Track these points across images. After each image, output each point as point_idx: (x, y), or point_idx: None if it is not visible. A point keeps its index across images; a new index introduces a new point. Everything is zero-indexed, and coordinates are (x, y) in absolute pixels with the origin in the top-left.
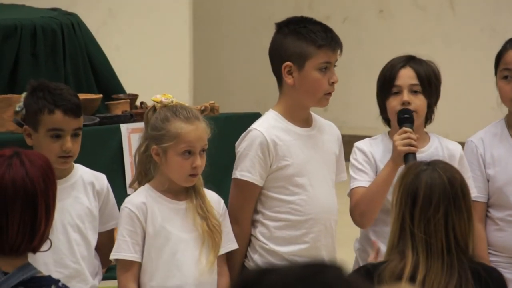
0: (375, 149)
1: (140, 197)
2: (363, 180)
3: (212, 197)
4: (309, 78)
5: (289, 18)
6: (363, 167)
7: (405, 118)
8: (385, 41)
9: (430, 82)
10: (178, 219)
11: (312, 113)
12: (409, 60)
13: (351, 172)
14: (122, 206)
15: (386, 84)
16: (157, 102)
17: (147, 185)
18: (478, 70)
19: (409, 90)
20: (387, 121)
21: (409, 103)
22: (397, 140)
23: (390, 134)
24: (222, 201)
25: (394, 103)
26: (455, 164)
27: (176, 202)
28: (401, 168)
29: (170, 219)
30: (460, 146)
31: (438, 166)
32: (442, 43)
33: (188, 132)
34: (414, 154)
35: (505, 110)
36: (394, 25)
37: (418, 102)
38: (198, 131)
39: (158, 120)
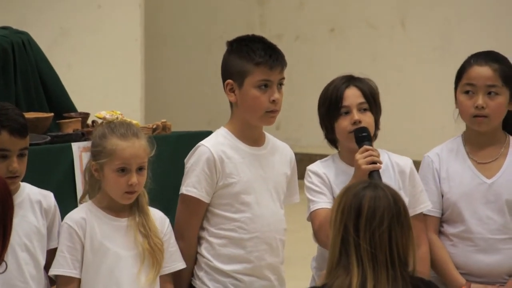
0: (328, 170)
1: (80, 212)
2: (322, 202)
3: (157, 216)
4: (248, 95)
5: (238, 37)
6: (320, 189)
7: (363, 136)
8: (337, 60)
9: (374, 99)
10: (118, 236)
11: (266, 133)
12: (351, 80)
13: (308, 196)
14: (62, 222)
15: (333, 106)
16: (100, 118)
17: (89, 201)
18: (429, 88)
19: (358, 109)
20: (332, 142)
21: (360, 122)
22: (360, 159)
23: (341, 155)
24: (167, 220)
25: (345, 124)
26: (406, 180)
27: (116, 219)
28: None
29: (109, 235)
30: (410, 161)
31: (380, 184)
32: (393, 62)
33: (123, 149)
34: (378, 171)
35: (460, 127)
36: (346, 44)
37: (368, 120)
38: (134, 149)
39: (96, 137)
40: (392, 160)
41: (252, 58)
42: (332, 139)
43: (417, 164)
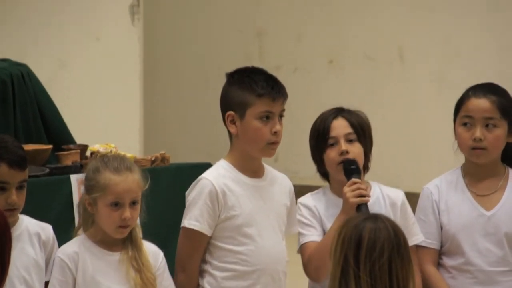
0: (318, 203)
1: (73, 246)
2: (312, 235)
3: (150, 250)
4: (250, 127)
5: (238, 68)
6: (310, 222)
7: (352, 169)
8: (335, 91)
9: (363, 130)
10: (111, 270)
11: (264, 164)
12: (339, 111)
13: (298, 228)
14: (55, 255)
15: (321, 137)
16: (94, 152)
17: (83, 235)
18: (428, 120)
19: (345, 139)
20: (324, 175)
21: (347, 152)
22: (347, 192)
23: (331, 187)
24: (161, 253)
25: (332, 154)
26: (397, 212)
27: (109, 253)
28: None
29: (101, 270)
30: (401, 193)
31: (381, 216)
32: (391, 93)
33: (116, 183)
34: (366, 204)
35: (459, 159)
36: (344, 75)
37: (356, 150)
38: (127, 183)
39: (89, 171)
40: (384, 193)
41: (254, 89)
42: (324, 172)
43: (416, 196)
